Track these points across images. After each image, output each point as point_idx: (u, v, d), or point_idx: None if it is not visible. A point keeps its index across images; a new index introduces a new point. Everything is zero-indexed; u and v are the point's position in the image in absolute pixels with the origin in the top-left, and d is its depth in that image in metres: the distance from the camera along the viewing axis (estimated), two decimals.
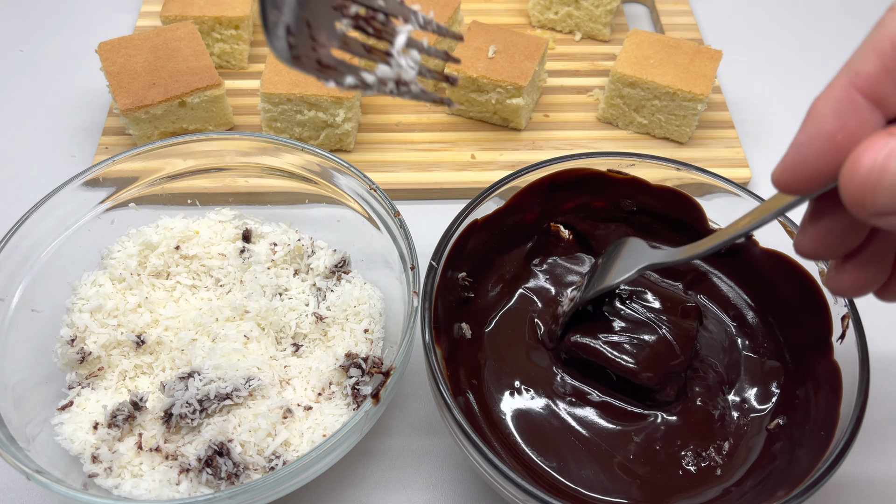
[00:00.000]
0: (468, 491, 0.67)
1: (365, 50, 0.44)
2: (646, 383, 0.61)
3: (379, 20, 0.45)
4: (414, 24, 0.46)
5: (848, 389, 0.58)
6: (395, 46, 0.45)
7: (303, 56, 0.41)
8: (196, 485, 0.60)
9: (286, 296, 0.72)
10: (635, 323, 0.64)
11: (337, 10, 0.44)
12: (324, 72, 0.42)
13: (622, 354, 0.62)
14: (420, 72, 0.45)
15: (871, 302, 0.78)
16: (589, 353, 0.63)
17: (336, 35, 0.44)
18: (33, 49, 1.05)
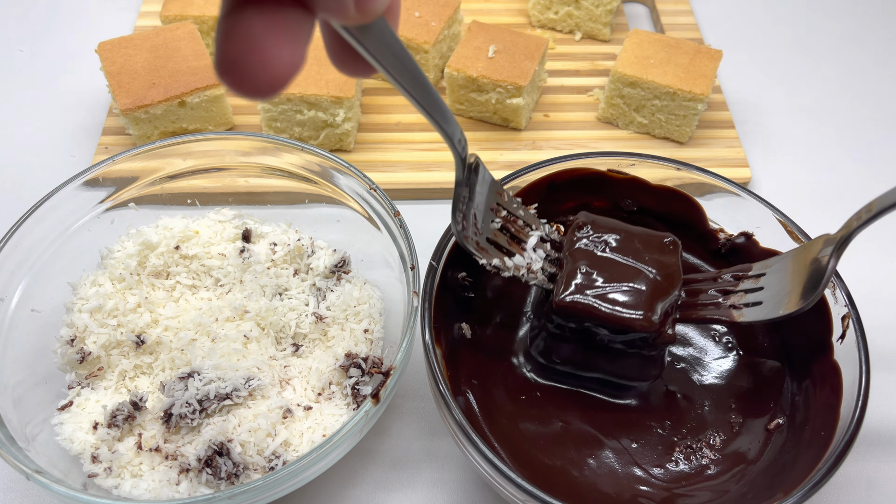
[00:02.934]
0: (468, 491, 0.67)
1: (507, 243, 0.61)
2: (648, 329, 0.58)
3: (518, 225, 0.62)
4: (542, 232, 0.63)
5: (848, 389, 0.58)
6: (528, 244, 0.62)
7: (468, 237, 0.57)
8: (196, 485, 0.60)
9: (286, 296, 0.72)
10: (618, 270, 0.60)
11: (493, 211, 0.61)
12: (479, 251, 0.58)
13: (616, 306, 0.58)
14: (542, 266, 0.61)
15: (871, 302, 0.78)
16: (582, 312, 0.59)
17: (489, 229, 0.60)
18: (33, 49, 1.05)
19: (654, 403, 0.65)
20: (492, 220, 0.60)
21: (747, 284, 0.60)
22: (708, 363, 0.68)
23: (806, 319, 0.64)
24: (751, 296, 0.60)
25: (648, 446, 0.62)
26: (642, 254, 0.61)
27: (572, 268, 0.60)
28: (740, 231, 0.69)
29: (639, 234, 0.63)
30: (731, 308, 0.59)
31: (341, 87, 0.85)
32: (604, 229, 0.63)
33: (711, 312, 0.60)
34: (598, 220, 0.63)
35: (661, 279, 0.60)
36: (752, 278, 0.60)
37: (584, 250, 0.61)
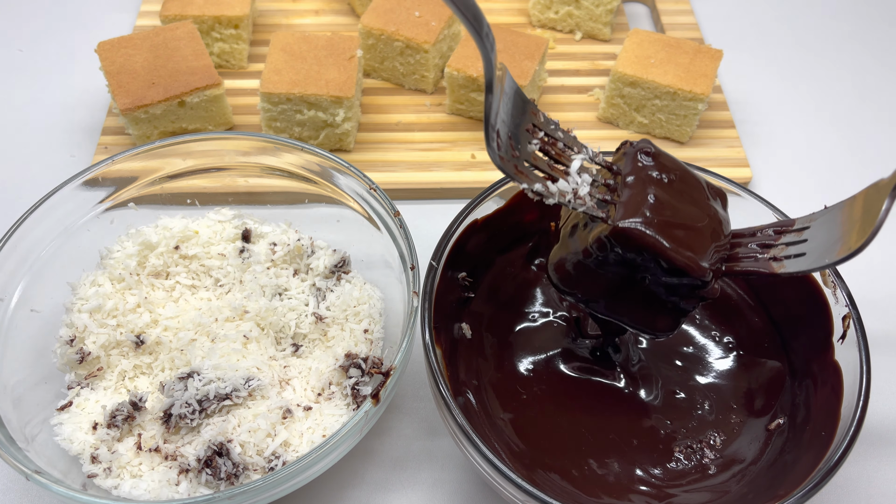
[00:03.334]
0: (468, 491, 0.67)
1: (548, 167, 0.55)
2: (702, 276, 0.53)
3: (559, 147, 0.56)
4: (585, 156, 0.56)
5: (849, 389, 0.58)
6: (572, 167, 0.55)
7: (505, 158, 0.52)
8: (195, 485, 0.60)
9: (286, 296, 0.72)
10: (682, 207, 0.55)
11: (528, 132, 0.55)
12: (519, 175, 0.52)
13: (680, 245, 0.53)
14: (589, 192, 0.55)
15: (872, 302, 0.78)
16: (643, 243, 0.52)
17: (527, 152, 0.54)
18: (33, 49, 1.05)
19: (654, 403, 0.65)
20: (528, 142, 0.55)
21: (789, 238, 0.56)
22: (708, 363, 0.68)
23: (807, 319, 0.64)
24: (793, 248, 0.55)
25: (649, 446, 0.62)
26: (701, 197, 0.56)
27: (639, 193, 0.54)
28: None
29: (695, 177, 0.58)
30: (772, 260, 0.55)
31: (341, 86, 0.85)
32: (666, 161, 0.57)
33: (750, 265, 0.56)
34: (660, 151, 0.57)
35: (715, 226, 0.55)
36: (794, 232, 0.56)
37: (651, 178, 0.55)
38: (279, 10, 1.09)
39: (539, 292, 0.72)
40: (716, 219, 0.56)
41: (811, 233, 0.55)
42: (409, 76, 0.97)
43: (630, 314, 0.59)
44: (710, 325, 0.70)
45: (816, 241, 0.54)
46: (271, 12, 1.08)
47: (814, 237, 0.55)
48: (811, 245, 0.54)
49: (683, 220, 0.54)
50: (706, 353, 0.68)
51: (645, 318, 0.58)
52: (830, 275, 0.62)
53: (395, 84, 0.99)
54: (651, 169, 0.56)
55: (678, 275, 0.53)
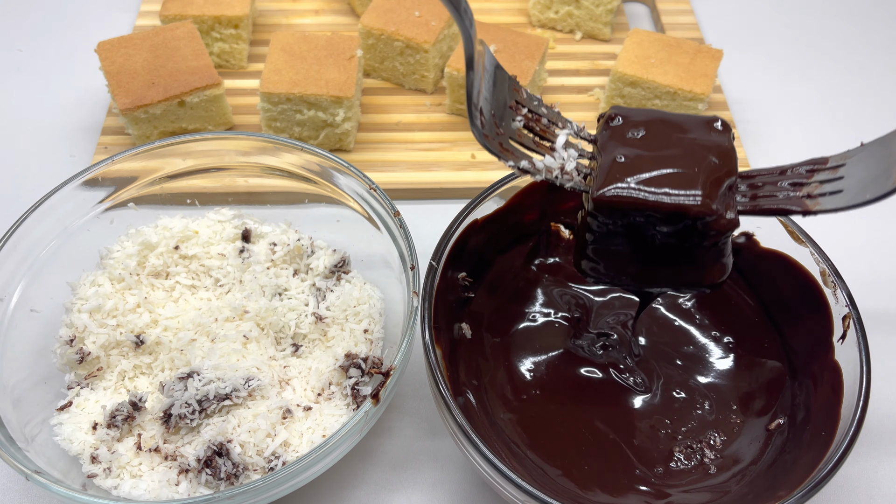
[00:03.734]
0: (468, 492, 0.67)
1: (534, 143, 0.55)
2: (704, 213, 0.50)
3: (543, 123, 0.56)
4: (570, 130, 0.56)
5: (849, 389, 0.58)
6: (557, 143, 0.55)
7: (490, 136, 0.52)
8: (195, 485, 0.60)
9: (286, 296, 0.72)
10: (661, 155, 0.53)
11: (512, 109, 0.55)
12: (504, 153, 0.53)
13: (664, 191, 0.51)
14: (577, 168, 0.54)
15: (872, 302, 0.78)
16: (626, 204, 0.51)
17: (511, 130, 0.54)
18: (33, 49, 1.05)
19: (654, 404, 0.65)
20: (512, 119, 0.54)
21: (823, 176, 0.53)
22: (708, 363, 0.68)
23: (807, 319, 0.64)
24: (828, 185, 0.52)
25: (649, 446, 0.62)
26: (687, 138, 0.54)
27: (608, 158, 0.53)
28: (741, 231, 0.69)
29: (679, 119, 0.55)
30: (806, 198, 0.52)
31: (341, 86, 0.85)
32: (638, 117, 0.55)
33: (781, 202, 0.53)
34: (631, 110, 0.56)
35: (713, 159, 0.52)
36: (828, 170, 0.52)
37: (619, 139, 0.54)
38: (279, 10, 1.09)
39: (539, 292, 0.72)
40: (709, 151, 0.52)
41: (847, 170, 0.52)
42: (409, 76, 0.97)
43: (672, 278, 0.56)
44: (710, 325, 0.70)
45: (855, 178, 0.51)
46: (271, 12, 1.08)
47: (851, 174, 0.51)
48: (849, 182, 0.51)
49: (664, 166, 0.52)
50: (706, 353, 0.68)
51: (688, 276, 0.55)
52: (830, 275, 0.62)
53: (395, 84, 0.99)
54: (621, 130, 0.54)
55: (678, 219, 0.51)
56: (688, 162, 0.52)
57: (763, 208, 0.53)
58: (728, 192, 0.51)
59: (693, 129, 0.54)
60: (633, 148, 0.53)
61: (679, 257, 0.54)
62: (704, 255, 0.54)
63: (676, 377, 0.66)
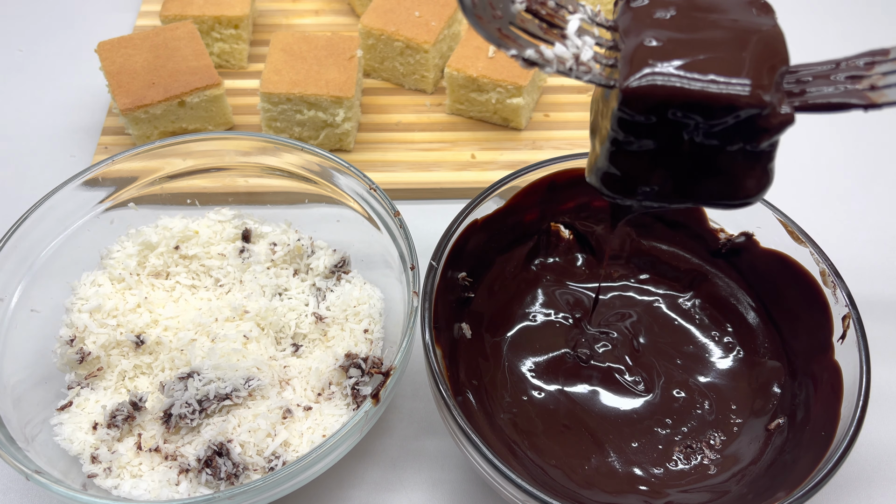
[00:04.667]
0: (468, 491, 0.67)
1: (540, 30, 0.45)
2: (757, 103, 0.43)
3: (550, 6, 0.46)
4: (583, 14, 0.47)
5: (849, 390, 0.58)
6: (569, 29, 0.45)
7: (484, 18, 0.42)
8: (195, 485, 0.60)
9: (286, 296, 0.72)
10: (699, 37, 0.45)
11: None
12: (504, 40, 0.43)
13: (709, 78, 0.43)
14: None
15: (872, 302, 0.78)
16: (664, 94, 0.43)
17: (511, 14, 0.44)
18: (33, 49, 1.05)
19: (654, 403, 0.65)
20: (511, 2, 0.46)
21: (887, 67, 0.46)
22: (708, 363, 0.68)
23: (807, 319, 0.64)
24: (894, 76, 0.45)
25: (649, 446, 0.62)
26: (726, 18, 0.46)
27: (637, 42, 0.45)
28: (740, 231, 0.69)
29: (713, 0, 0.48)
30: (868, 90, 0.45)
31: (341, 86, 0.85)
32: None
33: (838, 96, 0.45)
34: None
35: (759, 42, 0.45)
36: (891, 61, 0.46)
37: (646, 21, 0.46)
38: (279, 10, 1.09)
39: (539, 292, 0.72)
40: (755, 33, 0.45)
41: None
42: (409, 76, 0.97)
43: (706, 190, 0.48)
44: (710, 325, 0.70)
45: None
46: (271, 12, 1.08)
47: None
48: None
49: (704, 50, 0.44)
50: (706, 353, 0.68)
51: (726, 187, 0.48)
52: (830, 275, 0.62)
53: (395, 84, 0.99)
54: (646, 10, 0.47)
55: (725, 113, 0.43)
56: (732, 45, 0.44)
57: (817, 103, 0.46)
58: (780, 81, 0.45)
59: (731, 9, 0.47)
60: (664, 30, 0.45)
61: (716, 163, 0.47)
62: (748, 160, 0.47)
63: (676, 377, 0.66)
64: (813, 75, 0.47)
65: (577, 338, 0.69)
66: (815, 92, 0.46)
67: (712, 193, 0.49)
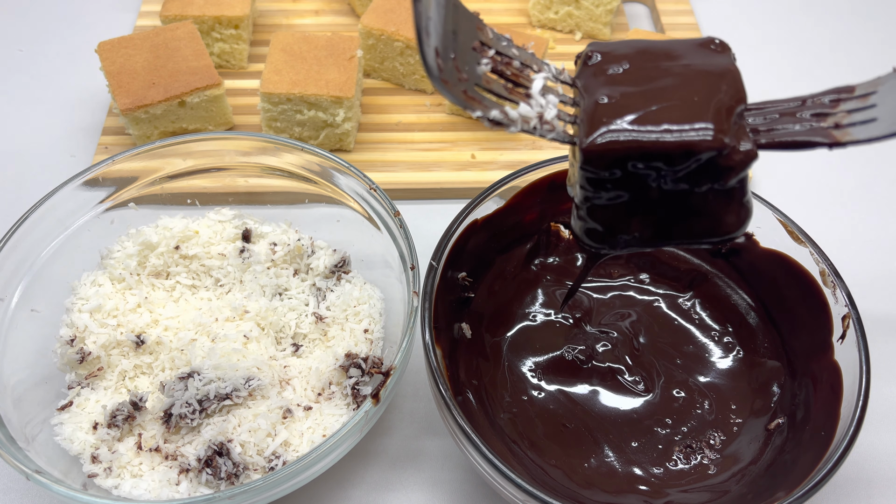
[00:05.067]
0: (468, 491, 0.67)
1: (505, 90, 0.46)
2: (715, 145, 0.44)
3: (515, 66, 0.48)
4: (547, 74, 0.49)
5: (848, 389, 0.58)
6: (533, 88, 0.47)
7: (450, 81, 0.43)
8: (196, 485, 0.60)
9: (286, 296, 0.72)
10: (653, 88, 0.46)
11: (476, 51, 0.46)
12: (470, 102, 0.44)
13: (665, 128, 0.44)
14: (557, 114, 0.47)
15: (872, 302, 0.78)
16: (623, 150, 0.44)
17: (476, 75, 0.45)
18: (33, 49, 1.05)
19: (654, 403, 0.65)
20: (477, 63, 0.46)
21: (851, 105, 0.47)
22: (708, 363, 0.68)
23: (807, 319, 0.64)
24: (859, 115, 0.46)
25: (648, 446, 0.62)
26: (679, 65, 0.47)
27: (592, 101, 0.46)
28: None
29: (666, 46, 0.49)
30: (833, 129, 0.46)
31: (341, 86, 0.85)
32: (619, 50, 0.48)
33: (805, 134, 0.47)
34: (610, 44, 0.49)
35: (713, 84, 0.46)
36: (856, 98, 0.47)
37: (603, 77, 0.47)
38: (279, 10, 1.09)
39: (539, 292, 0.72)
40: (710, 75, 0.46)
41: (880, 97, 0.47)
42: (409, 76, 0.97)
43: (687, 231, 0.49)
44: (710, 324, 0.70)
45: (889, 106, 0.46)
46: (271, 12, 1.08)
47: (884, 101, 0.46)
48: (883, 110, 0.46)
49: (658, 100, 0.45)
50: (706, 353, 0.68)
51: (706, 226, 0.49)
52: (830, 275, 0.62)
53: (395, 84, 0.99)
54: (601, 67, 0.48)
55: (685, 159, 0.44)
56: (685, 91, 0.45)
57: (782, 141, 0.47)
58: (739, 120, 0.46)
59: (685, 53, 0.48)
60: (618, 86, 0.46)
61: (692, 205, 0.48)
62: (721, 198, 0.47)
63: (676, 377, 0.66)
64: (779, 112, 0.48)
65: (577, 338, 0.69)
66: (781, 129, 0.47)
67: (693, 233, 0.50)
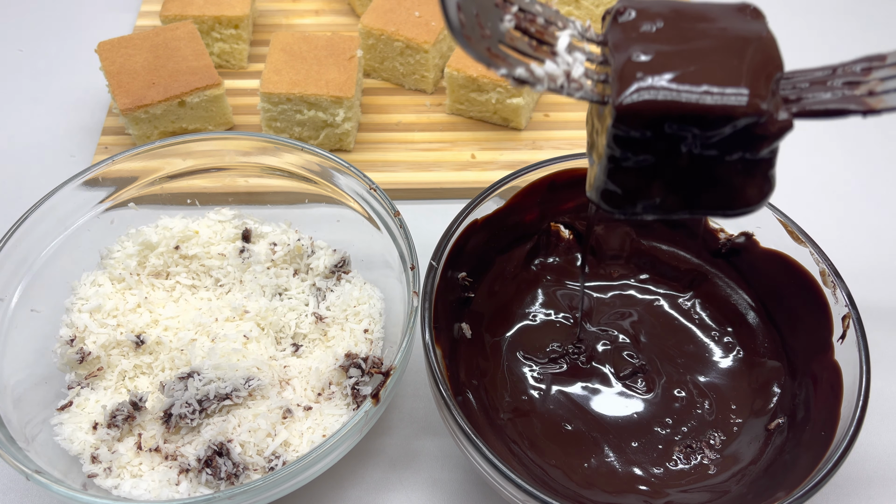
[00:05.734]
0: (468, 491, 0.67)
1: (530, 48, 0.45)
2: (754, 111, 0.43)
3: (539, 23, 0.46)
4: (573, 31, 0.47)
5: (848, 389, 0.58)
6: (559, 46, 0.45)
7: (473, 38, 0.42)
8: (195, 485, 0.60)
9: (286, 296, 0.72)
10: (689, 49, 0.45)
11: (498, 7, 0.44)
12: (494, 59, 0.42)
13: (704, 89, 0.43)
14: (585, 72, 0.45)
15: (872, 302, 0.78)
16: (659, 109, 0.43)
17: (500, 32, 0.44)
18: (33, 49, 1.05)
19: (654, 403, 0.65)
20: (500, 20, 0.45)
21: (885, 73, 0.46)
22: (708, 362, 0.68)
23: (807, 319, 0.64)
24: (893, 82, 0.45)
25: (649, 446, 0.62)
26: (716, 27, 0.46)
27: (626, 57, 0.44)
28: (740, 231, 0.69)
29: (701, 9, 0.47)
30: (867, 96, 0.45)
31: (341, 86, 0.85)
32: (654, 8, 0.47)
33: (837, 102, 0.46)
34: (643, 1, 0.47)
35: (752, 49, 0.45)
36: (889, 66, 0.46)
37: (635, 35, 0.46)
38: (279, 10, 1.09)
39: (539, 292, 0.72)
40: (747, 41, 0.45)
41: None
42: (409, 76, 0.97)
43: (708, 200, 0.48)
44: (710, 324, 0.70)
45: None
46: (271, 12, 1.08)
47: None
48: None
49: (696, 61, 0.44)
50: (706, 353, 0.68)
51: (727, 196, 0.48)
52: (830, 275, 0.62)
53: (395, 84, 0.99)
54: (635, 24, 0.46)
55: (722, 124, 0.43)
56: (723, 54, 0.44)
57: (815, 109, 0.46)
58: (775, 87, 0.45)
59: (721, 17, 0.47)
60: (654, 43, 0.45)
61: (716, 173, 0.47)
62: (748, 168, 0.46)
63: (676, 376, 0.66)
64: (810, 81, 0.47)
65: (578, 337, 0.69)
66: (812, 98, 0.46)
67: (714, 203, 0.49)
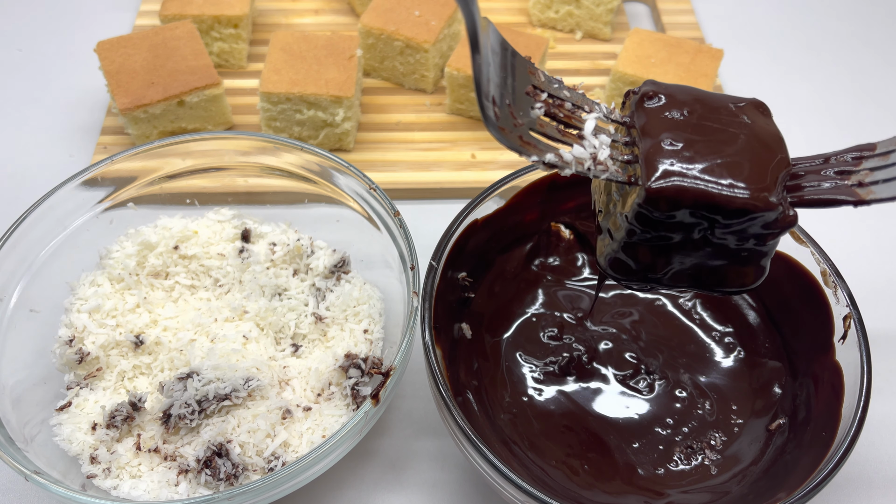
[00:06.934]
0: (468, 492, 0.67)
1: (558, 132, 0.48)
2: (771, 208, 0.46)
3: (567, 108, 0.49)
4: (598, 114, 0.50)
5: (849, 390, 0.58)
6: (586, 129, 0.48)
7: (506, 129, 0.45)
8: (195, 486, 0.60)
9: (285, 296, 0.72)
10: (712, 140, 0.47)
11: (529, 95, 0.48)
12: (526, 147, 0.45)
13: (727, 183, 0.46)
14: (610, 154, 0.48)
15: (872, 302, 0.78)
16: (687, 196, 0.46)
17: (531, 119, 0.47)
18: (32, 48, 1.05)
19: (655, 403, 0.65)
20: (531, 107, 0.48)
21: (873, 163, 0.49)
22: (709, 363, 0.68)
23: (808, 320, 0.64)
24: (881, 172, 0.48)
25: (649, 447, 0.62)
26: (737, 122, 0.49)
27: (654, 144, 0.47)
28: None
29: (720, 100, 0.50)
30: (857, 187, 0.48)
31: (341, 86, 0.85)
32: (679, 95, 0.50)
33: (830, 193, 0.49)
34: (670, 87, 0.50)
35: (767, 147, 0.48)
36: (878, 156, 0.49)
37: (667, 120, 0.48)
38: (279, 9, 1.08)
39: (539, 292, 0.72)
40: (762, 137, 0.48)
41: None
42: (409, 76, 0.97)
43: (710, 279, 0.52)
44: (710, 324, 0.70)
45: None
46: (271, 12, 1.08)
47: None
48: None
49: (721, 154, 0.46)
50: (707, 353, 0.68)
51: (728, 278, 0.51)
52: (831, 275, 0.62)
53: (395, 84, 0.99)
54: (663, 110, 0.49)
55: (741, 216, 0.46)
56: (747, 151, 0.47)
57: (811, 199, 0.49)
58: (785, 185, 0.47)
59: (739, 111, 0.50)
60: (680, 132, 0.48)
61: (724, 257, 0.50)
62: (750, 254, 0.50)
63: (677, 377, 0.66)
64: (805, 170, 0.50)
65: (579, 337, 0.68)
66: (809, 189, 0.49)
67: (715, 282, 0.52)
